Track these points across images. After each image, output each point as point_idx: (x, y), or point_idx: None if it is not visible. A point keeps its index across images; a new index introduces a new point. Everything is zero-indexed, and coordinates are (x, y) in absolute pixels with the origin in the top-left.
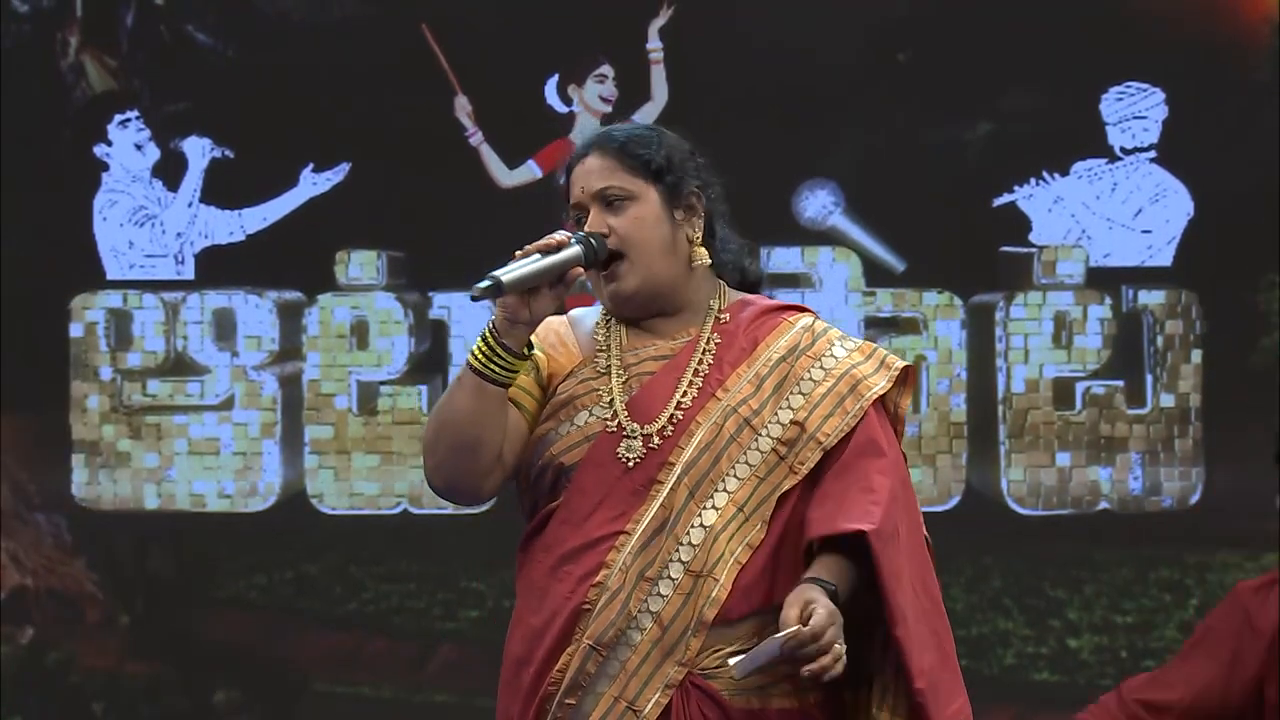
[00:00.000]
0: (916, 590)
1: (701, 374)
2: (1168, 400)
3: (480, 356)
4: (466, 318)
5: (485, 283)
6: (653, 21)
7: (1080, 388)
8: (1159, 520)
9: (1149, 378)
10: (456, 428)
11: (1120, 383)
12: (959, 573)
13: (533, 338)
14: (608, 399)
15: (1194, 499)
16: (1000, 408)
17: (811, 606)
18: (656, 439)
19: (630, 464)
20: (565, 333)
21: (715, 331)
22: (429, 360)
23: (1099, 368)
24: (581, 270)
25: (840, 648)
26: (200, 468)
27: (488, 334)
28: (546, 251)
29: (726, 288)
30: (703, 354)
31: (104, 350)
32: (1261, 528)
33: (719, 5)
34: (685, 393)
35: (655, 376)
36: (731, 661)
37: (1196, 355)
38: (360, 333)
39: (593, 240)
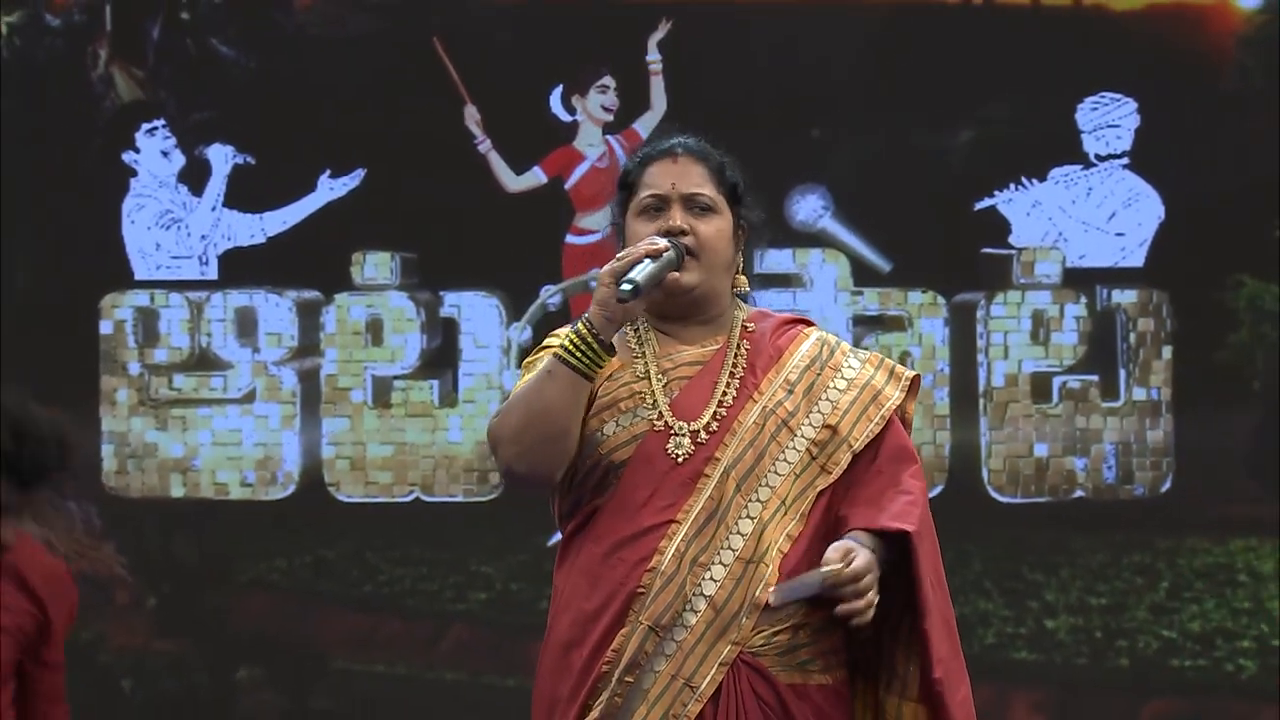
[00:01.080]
0: (934, 584)
1: (737, 376)
2: (1140, 394)
3: (576, 352)
4: (476, 315)
5: (628, 287)
6: (652, 35)
7: (1057, 382)
8: (1131, 507)
9: (1122, 373)
10: (548, 418)
11: (1095, 377)
12: (941, 556)
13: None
14: (651, 401)
15: (1164, 487)
16: (981, 401)
17: (854, 553)
18: (703, 435)
19: (680, 460)
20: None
21: (744, 339)
22: (440, 356)
23: (1075, 363)
24: (676, 275)
25: (874, 596)
26: (223, 458)
27: (584, 331)
28: (653, 256)
29: (741, 302)
30: (735, 359)
31: (132, 346)
32: (1228, 514)
33: (715, 20)
34: (725, 393)
35: (693, 380)
36: (771, 590)
37: (1167, 351)
38: (375, 330)
39: (680, 247)
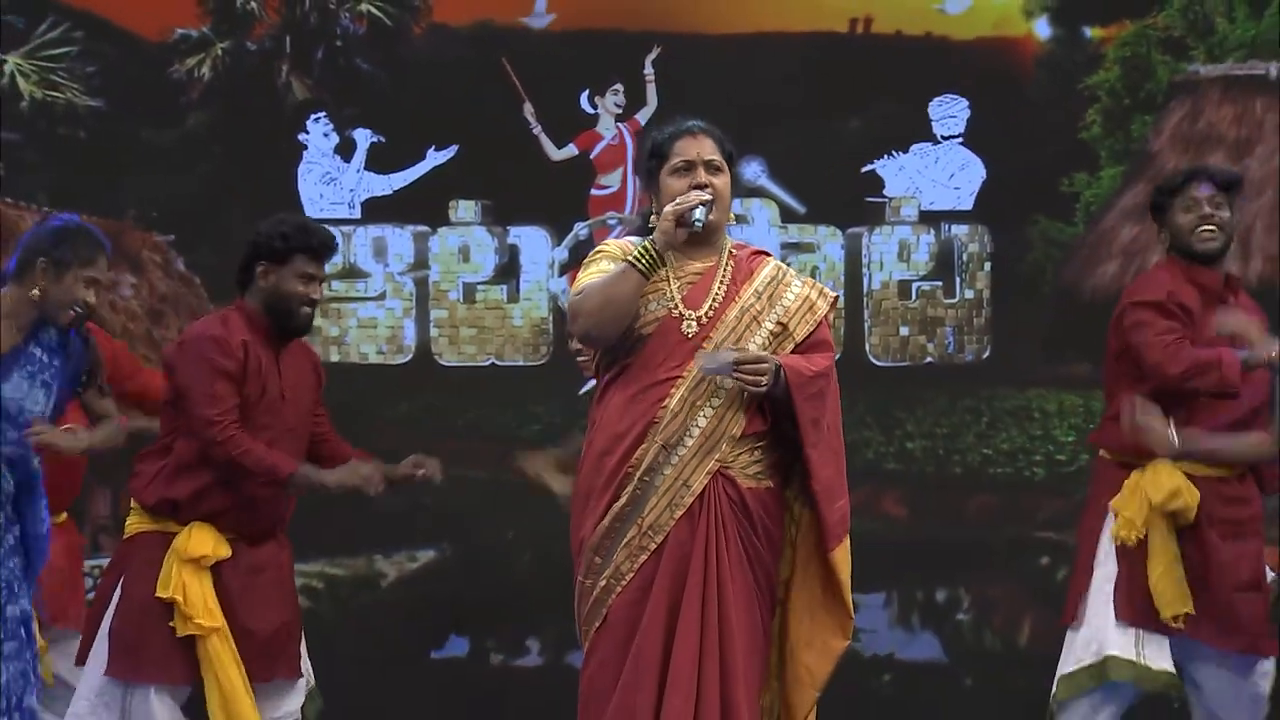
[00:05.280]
0: (834, 431)
1: (725, 283)
2: (969, 294)
3: (644, 261)
4: (531, 243)
5: (699, 225)
6: (648, 56)
7: (915, 286)
8: (962, 369)
9: (958, 280)
10: (620, 304)
11: (939, 283)
12: (840, 405)
13: (620, 253)
14: (669, 294)
15: (985, 355)
16: (864, 299)
17: (746, 350)
18: (704, 318)
19: (689, 335)
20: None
21: (731, 260)
22: (507, 269)
23: (926, 274)
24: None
25: (765, 381)
26: (364, 336)
27: (649, 247)
28: (704, 204)
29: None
30: (724, 272)
31: None
32: (1026, 373)
33: (690, 45)
34: (717, 295)
35: (696, 284)
36: (701, 356)
37: (987, 266)
38: (464, 252)
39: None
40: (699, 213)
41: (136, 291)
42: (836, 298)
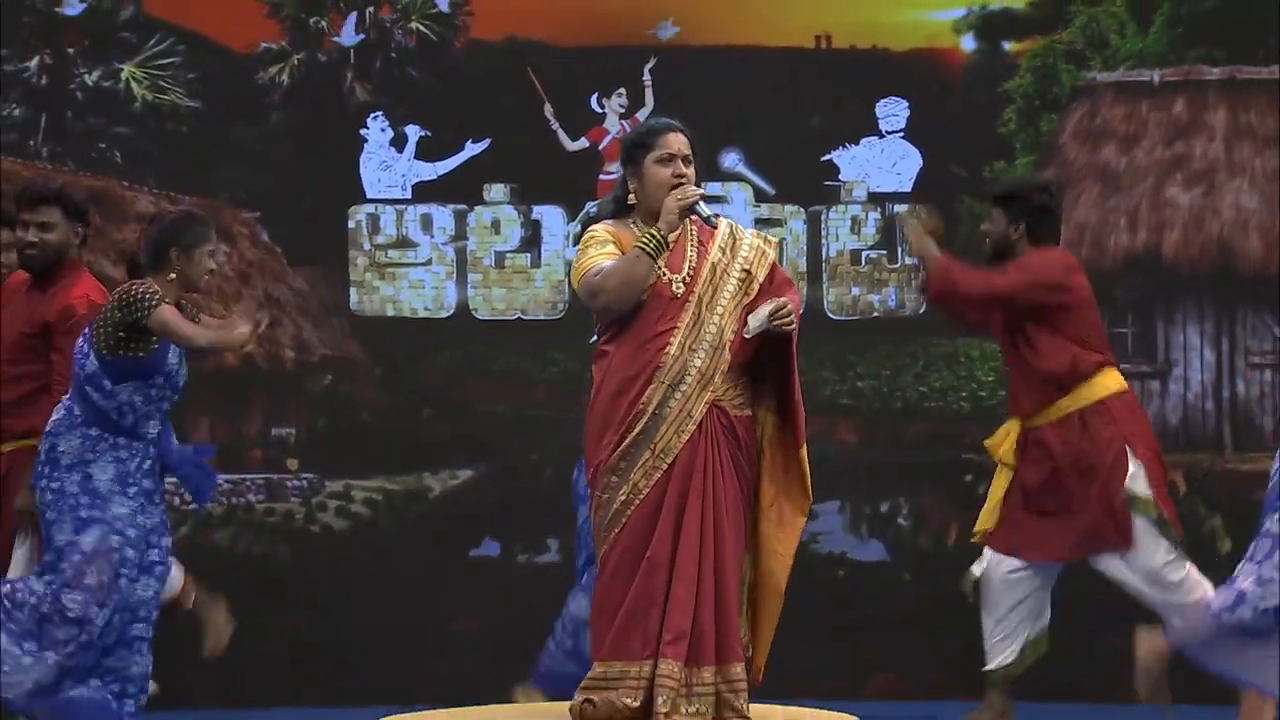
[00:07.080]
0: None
1: (694, 246)
2: (909, 261)
3: (652, 246)
4: (550, 219)
5: (711, 219)
6: (646, 65)
7: (865, 255)
8: (905, 322)
9: (900, 249)
10: (638, 284)
11: (884, 252)
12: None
13: (613, 234)
14: (655, 264)
15: (921, 310)
16: (823, 264)
17: (775, 300)
18: (686, 278)
19: (678, 293)
20: (626, 234)
21: (694, 226)
22: (530, 240)
23: (873, 244)
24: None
25: (793, 319)
26: (414, 295)
27: (658, 235)
28: (704, 197)
29: None
30: (691, 239)
31: (365, 234)
32: (953, 326)
33: (682, 56)
34: (691, 256)
35: (673, 251)
36: (746, 328)
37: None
38: (495, 226)
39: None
40: (703, 207)
41: (229, 258)
42: (778, 241)
